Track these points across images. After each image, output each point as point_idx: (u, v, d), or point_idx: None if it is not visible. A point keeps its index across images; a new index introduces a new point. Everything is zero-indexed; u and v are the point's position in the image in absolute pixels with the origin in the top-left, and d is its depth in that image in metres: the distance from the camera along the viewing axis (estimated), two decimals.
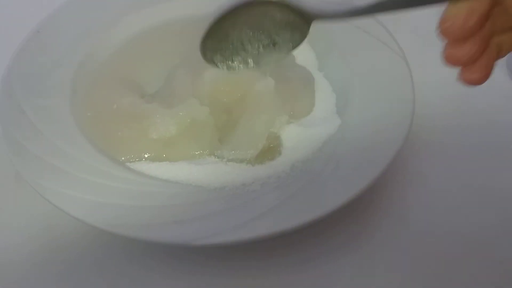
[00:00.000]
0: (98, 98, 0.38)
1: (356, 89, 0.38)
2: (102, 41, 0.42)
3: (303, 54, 0.41)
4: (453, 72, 0.26)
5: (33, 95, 0.37)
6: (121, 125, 0.36)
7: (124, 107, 0.37)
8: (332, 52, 0.41)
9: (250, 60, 0.33)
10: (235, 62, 0.33)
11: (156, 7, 0.45)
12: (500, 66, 0.35)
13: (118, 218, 0.30)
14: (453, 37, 0.24)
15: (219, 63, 0.33)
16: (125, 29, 0.43)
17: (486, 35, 0.25)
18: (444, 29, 0.24)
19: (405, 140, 0.33)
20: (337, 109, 0.37)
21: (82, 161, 0.33)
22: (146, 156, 0.35)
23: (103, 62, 0.41)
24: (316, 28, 0.31)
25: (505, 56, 0.27)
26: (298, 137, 0.36)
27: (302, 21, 0.31)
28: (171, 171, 0.34)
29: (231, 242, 0.29)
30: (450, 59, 0.25)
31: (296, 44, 0.33)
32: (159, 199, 0.32)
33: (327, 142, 0.35)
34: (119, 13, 0.44)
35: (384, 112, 0.35)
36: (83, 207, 0.31)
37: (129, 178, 0.33)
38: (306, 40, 0.33)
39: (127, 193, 0.32)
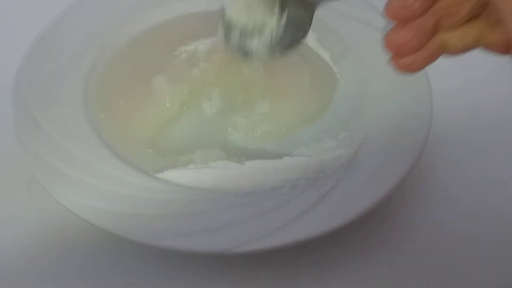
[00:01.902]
0: (110, 98, 0.38)
1: (372, 91, 0.38)
2: (109, 42, 0.41)
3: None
4: (471, 79, 0.26)
5: (45, 103, 0.36)
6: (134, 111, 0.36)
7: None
8: (347, 54, 0.41)
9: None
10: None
11: (161, 8, 0.44)
12: None
13: (146, 228, 0.30)
14: (394, 16, 0.24)
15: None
16: (131, 29, 0.43)
17: (426, 23, 0.24)
18: (387, 10, 0.24)
19: (423, 148, 0.33)
20: (355, 111, 0.38)
21: (104, 171, 0.32)
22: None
23: (112, 62, 0.40)
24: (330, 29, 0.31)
25: None
26: (321, 142, 0.36)
27: (306, 10, 0.31)
28: (196, 178, 0.34)
29: (270, 248, 0.29)
30: (387, 43, 0.25)
31: (300, 37, 0.33)
32: (188, 207, 0.31)
33: (348, 143, 0.35)
34: (123, 14, 0.43)
35: (402, 114, 0.36)
36: (111, 219, 0.30)
37: (155, 187, 0.32)
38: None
39: (154, 203, 0.31)
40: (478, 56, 0.26)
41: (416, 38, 0.24)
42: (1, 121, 0.36)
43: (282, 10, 0.33)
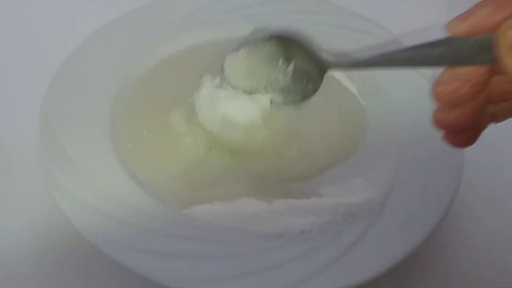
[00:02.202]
0: (138, 128, 0.37)
1: (402, 128, 0.37)
2: (136, 68, 0.41)
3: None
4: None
5: (71, 130, 0.35)
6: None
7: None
8: (375, 88, 0.40)
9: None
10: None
11: (190, 33, 0.44)
12: None
13: (169, 269, 0.29)
14: (444, 102, 0.24)
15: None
16: (159, 53, 0.42)
17: (479, 104, 0.24)
18: (436, 93, 0.24)
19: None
20: (385, 148, 0.37)
21: (132, 206, 0.32)
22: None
23: (138, 89, 0.40)
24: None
25: None
26: (349, 181, 0.35)
27: (316, 69, 0.31)
28: (222, 214, 0.33)
29: None
30: (438, 123, 0.25)
31: (307, 95, 0.33)
32: (214, 248, 0.30)
33: (378, 183, 0.34)
34: (151, 39, 0.42)
35: (435, 153, 0.35)
36: (133, 256, 0.30)
37: (180, 223, 0.32)
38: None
39: (179, 242, 0.31)
40: None
41: (470, 119, 0.24)
42: (27, 147, 0.36)
43: (288, 62, 0.33)
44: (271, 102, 0.35)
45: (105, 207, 0.31)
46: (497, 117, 0.25)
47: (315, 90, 0.33)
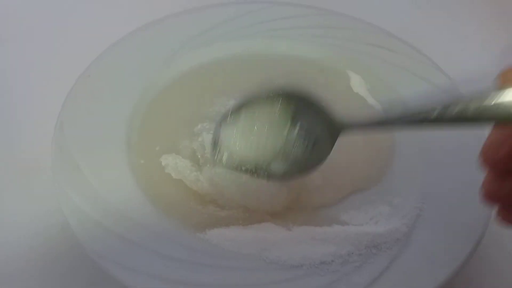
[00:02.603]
0: (155, 149, 0.36)
1: (432, 154, 0.35)
2: (154, 82, 0.40)
3: None
4: None
5: (87, 148, 0.34)
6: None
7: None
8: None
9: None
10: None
11: (206, 48, 0.43)
12: None
13: None
14: (495, 168, 0.20)
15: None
16: (177, 69, 0.41)
17: None
18: (485, 158, 0.20)
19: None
20: (411, 175, 0.35)
21: (149, 230, 0.31)
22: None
23: (155, 105, 0.39)
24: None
25: None
26: (374, 208, 0.33)
27: (329, 131, 0.29)
28: (238, 239, 0.31)
29: None
30: (488, 196, 0.21)
31: (318, 161, 0.30)
32: (230, 276, 0.29)
33: (403, 212, 0.33)
34: (169, 52, 0.41)
35: (463, 183, 0.33)
36: (143, 281, 0.28)
37: (194, 248, 0.30)
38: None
39: (193, 267, 0.29)
40: None
41: None
42: (41, 160, 0.35)
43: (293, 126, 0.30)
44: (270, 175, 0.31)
45: (117, 228, 0.30)
46: None
47: (323, 157, 0.30)
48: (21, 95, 0.41)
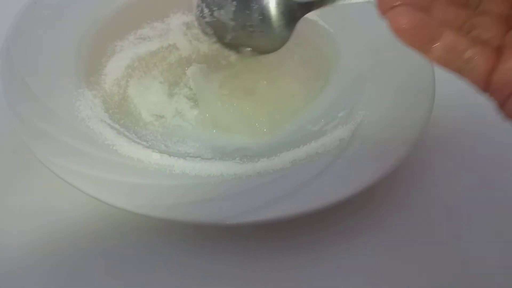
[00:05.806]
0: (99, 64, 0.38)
1: (373, 68, 0.37)
2: (103, 7, 0.40)
3: None
4: None
5: (36, 69, 0.34)
6: None
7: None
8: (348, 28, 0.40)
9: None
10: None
11: None
12: None
13: (140, 196, 0.29)
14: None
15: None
16: None
17: None
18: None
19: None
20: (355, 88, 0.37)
21: (99, 141, 0.32)
22: None
23: (104, 28, 0.39)
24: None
25: None
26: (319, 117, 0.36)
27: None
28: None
29: (265, 220, 0.28)
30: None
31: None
32: (186, 178, 0.30)
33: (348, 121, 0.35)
34: None
35: (403, 91, 0.35)
36: (104, 187, 0.29)
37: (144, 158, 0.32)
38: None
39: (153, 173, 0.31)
40: None
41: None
42: None
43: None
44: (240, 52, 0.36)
45: (71, 139, 0.31)
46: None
47: (286, 38, 0.34)
48: None
